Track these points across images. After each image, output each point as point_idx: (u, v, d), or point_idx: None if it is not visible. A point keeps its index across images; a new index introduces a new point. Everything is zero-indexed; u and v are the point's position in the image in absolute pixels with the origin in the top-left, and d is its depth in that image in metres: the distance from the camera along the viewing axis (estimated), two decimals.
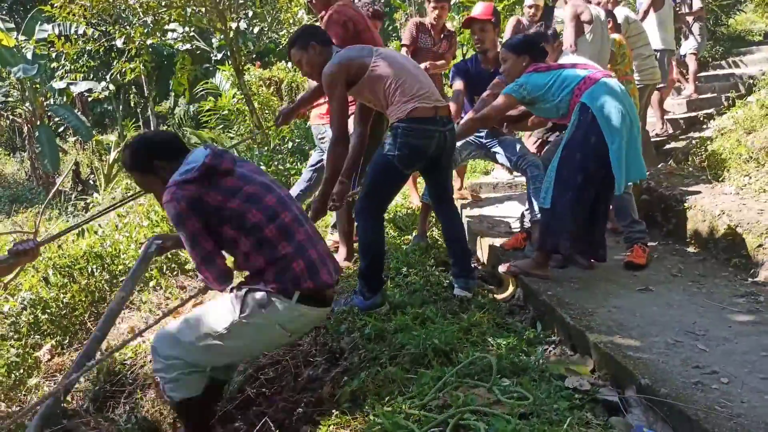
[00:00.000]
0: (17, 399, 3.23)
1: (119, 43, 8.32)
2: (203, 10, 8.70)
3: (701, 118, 6.99)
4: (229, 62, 10.31)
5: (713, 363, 2.37)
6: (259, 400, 2.79)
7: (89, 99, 14.98)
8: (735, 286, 3.23)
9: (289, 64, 12.88)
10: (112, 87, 14.37)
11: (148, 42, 8.18)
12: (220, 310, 2.36)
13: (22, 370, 3.35)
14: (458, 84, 4.22)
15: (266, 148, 8.40)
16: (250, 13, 10.38)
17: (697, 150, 5.11)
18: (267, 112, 10.54)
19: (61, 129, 16.24)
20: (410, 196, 5.36)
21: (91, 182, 13.15)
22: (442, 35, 5.13)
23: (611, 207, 3.60)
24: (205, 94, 13.19)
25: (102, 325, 2.65)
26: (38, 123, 12.65)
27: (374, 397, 2.30)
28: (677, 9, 7.32)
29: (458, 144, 3.77)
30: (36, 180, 13.26)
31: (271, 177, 2.55)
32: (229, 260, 2.40)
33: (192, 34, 11.43)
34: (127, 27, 8.37)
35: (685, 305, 2.99)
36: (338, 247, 3.97)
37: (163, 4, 8.22)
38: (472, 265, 3.50)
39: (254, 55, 12.74)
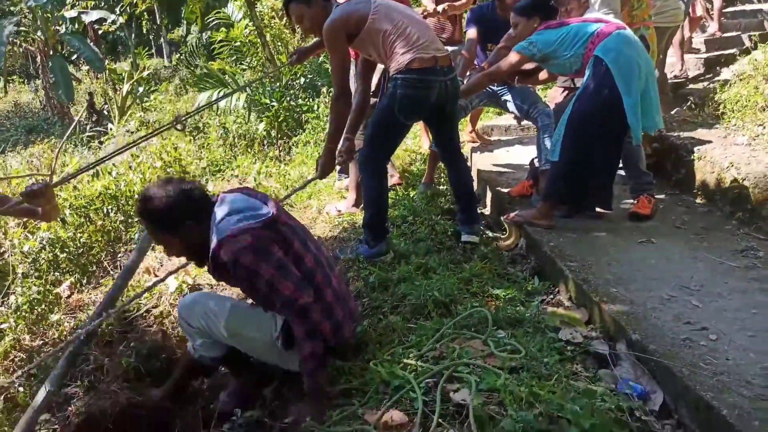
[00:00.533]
0: (39, 333, 3.40)
1: None
2: None
3: (723, 60, 6.79)
4: None
5: (704, 319, 2.44)
6: None
7: (100, 31, 14.78)
8: (737, 240, 3.26)
9: None
10: (122, 20, 14.13)
11: None
12: (260, 323, 2.35)
13: (43, 306, 3.50)
14: (472, 32, 4.16)
15: (278, 83, 8.34)
16: None
17: (713, 95, 5.01)
18: (279, 44, 10.38)
19: (74, 57, 16.14)
20: (420, 140, 5.36)
21: (106, 112, 13.19)
22: None
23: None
24: (218, 24, 12.98)
25: (123, 275, 2.78)
26: (51, 53, 12.58)
27: (375, 345, 2.42)
28: None
29: None
30: (51, 110, 13.33)
31: (300, 224, 2.46)
32: None
33: None
34: None
35: (685, 259, 3.04)
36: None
37: None
38: (478, 212, 3.56)
39: None
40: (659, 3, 5.19)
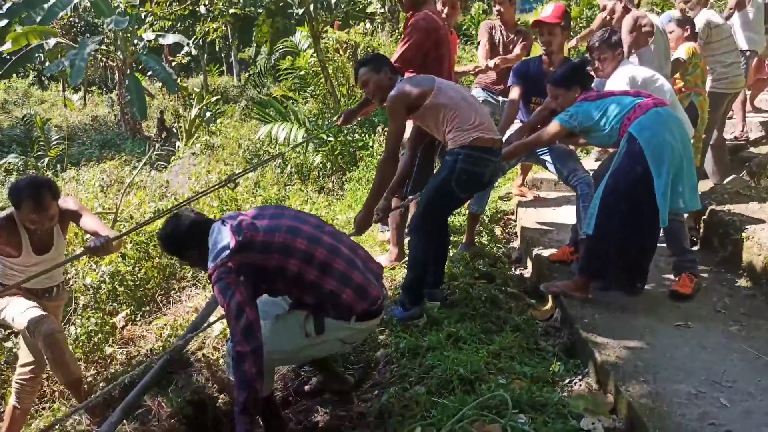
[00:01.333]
0: (93, 361, 3.66)
1: (203, 9, 8.60)
2: None
3: None
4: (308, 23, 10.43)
5: (730, 421, 2.43)
6: (299, 399, 3.07)
7: (173, 61, 15.58)
8: None
9: (367, 26, 12.95)
10: (194, 51, 14.87)
11: (230, 11, 8.44)
12: (288, 333, 2.61)
13: (100, 335, 3.76)
14: (515, 91, 4.22)
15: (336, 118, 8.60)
16: None
17: None
18: (341, 77, 10.71)
19: (150, 72, 17.02)
20: None
21: (174, 130, 13.82)
22: (515, 33, 5.10)
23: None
24: (284, 52, 13.49)
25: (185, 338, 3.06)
26: (128, 71, 13.33)
27: (398, 417, 2.52)
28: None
29: None
30: (124, 125, 14.07)
31: (293, 210, 2.78)
32: None
33: None
34: None
35: (720, 349, 3.01)
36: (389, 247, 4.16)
37: None
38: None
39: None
40: (720, 69, 5.15)
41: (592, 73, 3.65)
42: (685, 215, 3.77)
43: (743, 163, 5.83)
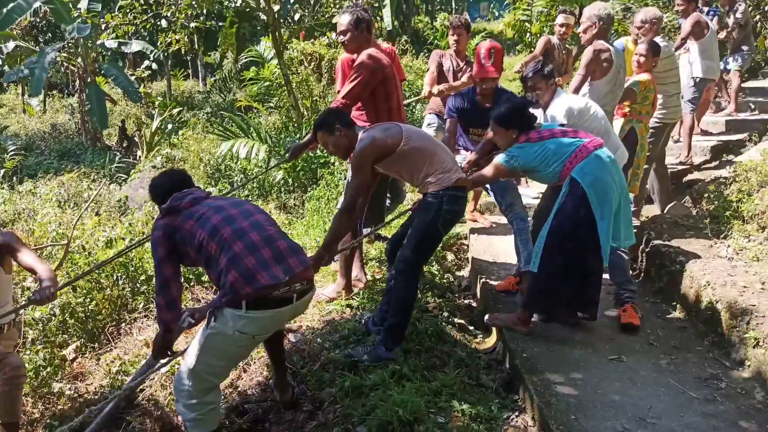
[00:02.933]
0: (42, 396, 3.65)
1: (164, 23, 8.56)
2: None
3: (731, 146, 6.91)
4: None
5: None
6: None
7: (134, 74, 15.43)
8: (704, 365, 3.38)
9: (333, 37, 12.98)
10: (155, 66, 14.73)
11: (191, 25, 8.43)
12: (197, 340, 2.76)
13: (48, 369, 3.75)
14: (451, 124, 4.34)
15: (298, 136, 8.65)
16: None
17: (710, 193, 5.13)
18: (305, 89, 10.75)
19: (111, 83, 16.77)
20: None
21: (136, 140, 13.66)
22: (465, 62, 5.25)
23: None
24: (249, 62, 13.47)
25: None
26: (89, 80, 13.12)
27: None
28: (719, 31, 7.11)
29: None
30: (85, 134, 13.82)
31: (249, 203, 2.99)
32: None
33: None
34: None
35: (649, 384, 3.17)
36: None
37: None
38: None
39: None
40: (662, 99, 5.34)
41: (534, 112, 3.78)
42: None
43: (688, 187, 6.08)
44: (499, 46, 4.17)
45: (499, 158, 3.54)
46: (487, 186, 4.29)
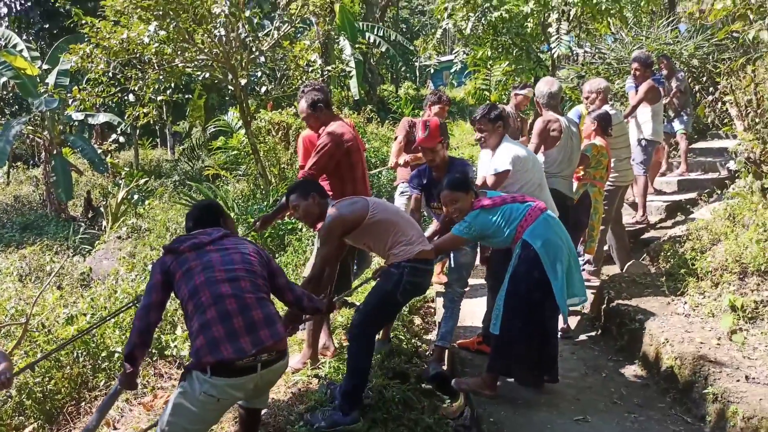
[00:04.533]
0: None
1: (131, 97, 8.70)
2: (215, 64, 9.09)
3: (685, 204, 7.18)
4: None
5: None
6: None
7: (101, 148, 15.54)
8: (666, 422, 3.43)
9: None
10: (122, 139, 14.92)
11: (158, 98, 8.58)
12: (183, 403, 2.71)
13: None
14: (415, 201, 4.35)
15: (265, 203, 8.72)
16: (259, 73, 10.81)
17: (665, 252, 5.31)
18: (273, 158, 10.90)
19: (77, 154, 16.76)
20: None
21: (102, 210, 13.57)
22: None
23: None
24: (217, 132, 13.66)
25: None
26: (54, 151, 13.12)
27: None
28: (664, 94, 7.52)
29: None
30: (49, 205, 13.70)
31: (246, 260, 2.86)
32: None
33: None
34: (141, 74, 8.78)
35: None
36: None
37: (177, 59, 8.61)
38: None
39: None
40: (614, 163, 5.58)
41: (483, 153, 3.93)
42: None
43: (645, 245, 6.28)
44: (436, 120, 4.25)
45: (455, 229, 3.64)
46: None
